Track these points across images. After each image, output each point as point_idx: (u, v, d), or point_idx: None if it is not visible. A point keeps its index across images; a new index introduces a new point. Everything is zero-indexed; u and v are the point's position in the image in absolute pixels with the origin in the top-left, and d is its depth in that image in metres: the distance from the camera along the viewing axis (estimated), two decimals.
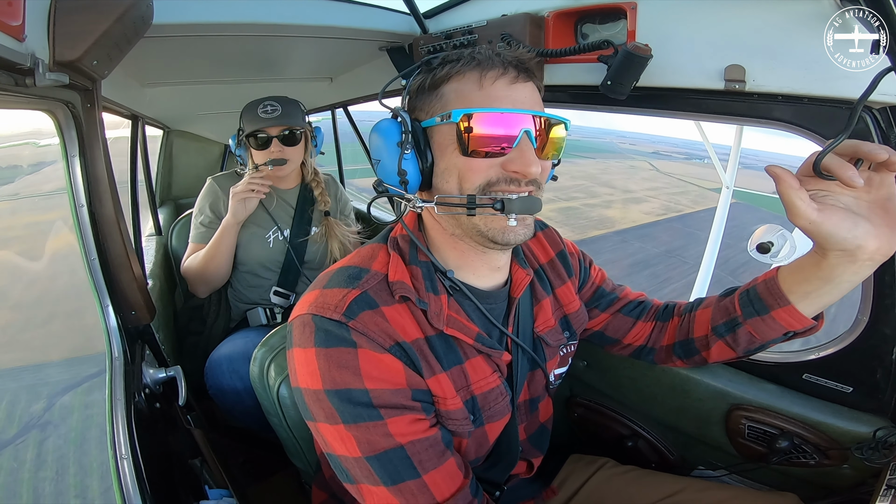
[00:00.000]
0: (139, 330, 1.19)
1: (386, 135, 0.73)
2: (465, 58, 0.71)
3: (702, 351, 0.91)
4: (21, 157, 1.46)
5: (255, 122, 1.59)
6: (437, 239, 0.77)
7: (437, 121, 0.70)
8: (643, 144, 26.99)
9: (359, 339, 0.65)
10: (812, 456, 0.95)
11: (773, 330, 0.80)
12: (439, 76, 0.71)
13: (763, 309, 0.80)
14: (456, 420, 0.72)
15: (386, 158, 0.72)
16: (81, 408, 1.13)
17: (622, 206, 22.78)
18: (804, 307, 0.76)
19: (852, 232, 0.64)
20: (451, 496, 0.68)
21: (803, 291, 0.75)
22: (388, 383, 0.66)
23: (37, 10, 0.71)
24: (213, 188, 1.72)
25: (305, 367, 0.66)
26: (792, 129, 0.82)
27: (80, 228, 1.07)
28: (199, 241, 1.68)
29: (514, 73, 0.70)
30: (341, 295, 0.68)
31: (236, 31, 1.20)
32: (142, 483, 0.88)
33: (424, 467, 0.67)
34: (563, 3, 1.00)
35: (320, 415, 0.66)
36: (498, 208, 0.67)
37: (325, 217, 1.82)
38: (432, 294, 0.73)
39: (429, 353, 0.71)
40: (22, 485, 0.89)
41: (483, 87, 0.69)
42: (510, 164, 0.68)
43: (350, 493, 0.71)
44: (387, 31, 1.36)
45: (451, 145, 0.69)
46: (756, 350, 0.86)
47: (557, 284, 0.92)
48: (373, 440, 0.65)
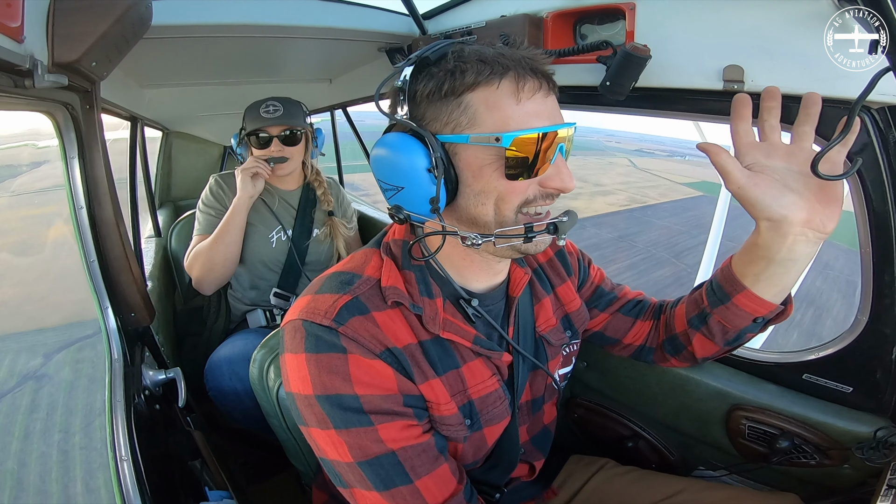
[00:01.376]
0: (139, 332, 1.19)
1: (408, 157, 0.64)
2: (491, 61, 0.62)
3: (686, 346, 0.91)
4: (20, 158, 1.54)
5: (256, 121, 1.60)
6: (450, 251, 0.75)
7: (471, 141, 0.63)
8: (629, 142, 27.60)
9: (349, 345, 0.65)
10: (812, 456, 0.95)
11: (740, 317, 0.81)
12: (463, 83, 0.63)
13: (725, 297, 0.81)
14: (450, 426, 0.72)
15: (411, 185, 0.65)
16: (73, 362, 1.28)
17: (588, 198, 23.31)
18: (761, 290, 0.77)
19: (778, 200, 0.68)
20: (444, 502, 0.68)
21: (753, 274, 0.77)
22: (378, 389, 0.65)
23: (36, 12, 0.71)
24: (219, 183, 1.72)
25: (297, 373, 0.66)
26: (791, 129, 0.81)
27: (80, 230, 1.07)
28: (206, 231, 1.66)
29: (548, 85, 0.66)
30: (332, 300, 0.68)
31: (235, 33, 1.20)
32: (142, 485, 0.88)
33: (417, 473, 0.66)
34: (562, 4, 1.00)
35: (312, 420, 0.66)
36: (552, 232, 0.66)
37: (328, 217, 1.82)
38: (427, 298, 0.72)
39: (421, 359, 0.70)
40: (16, 424, 1.02)
41: (521, 102, 0.63)
42: (549, 182, 0.66)
43: (347, 499, 0.71)
44: (386, 32, 1.36)
45: (491, 167, 0.64)
46: (736, 340, 0.86)
47: (557, 283, 0.92)
48: (364, 446, 0.64)
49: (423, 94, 0.65)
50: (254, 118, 1.60)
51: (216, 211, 1.68)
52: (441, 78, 0.63)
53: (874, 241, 0.81)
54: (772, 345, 6.93)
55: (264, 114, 1.59)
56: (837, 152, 0.66)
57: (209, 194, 1.71)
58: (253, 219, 1.69)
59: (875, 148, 0.75)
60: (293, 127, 1.63)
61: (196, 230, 1.70)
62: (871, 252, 0.82)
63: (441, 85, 0.63)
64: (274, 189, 1.75)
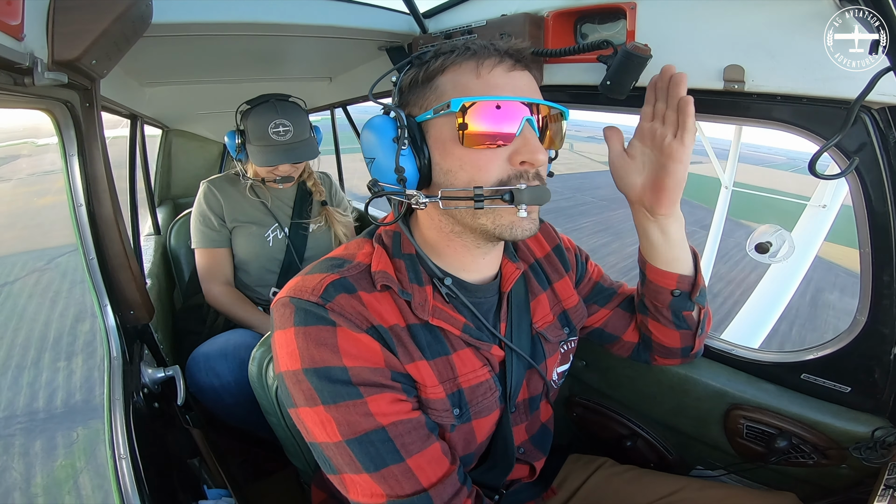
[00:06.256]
0: (138, 329, 1.19)
1: (379, 131, 0.70)
2: (460, 48, 0.69)
3: (651, 338, 0.96)
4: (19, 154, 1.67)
5: (264, 140, 1.56)
6: (432, 237, 0.76)
7: (434, 113, 0.67)
8: (587, 130, 28.33)
9: (337, 319, 0.65)
10: (810, 456, 0.95)
11: (660, 291, 0.89)
12: (433, 68, 0.69)
13: (642, 274, 0.92)
14: (436, 410, 0.71)
15: (381, 156, 0.70)
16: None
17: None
18: (655, 261, 0.87)
19: (622, 179, 0.84)
20: (439, 481, 0.66)
21: (644, 248, 0.89)
22: (366, 361, 0.65)
23: (36, 10, 0.71)
24: (211, 190, 1.71)
25: (285, 349, 0.66)
26: (790, 129, 0.82)
27: (79, 228, 1.06)
28: (204, 244, 1.68)
29: (512, 61, 0.68)
30: (319, 279, 0.68)
31: (235, 31, 1.20)
32: (140, 483, 0.88)
33: (408, 451, 0.65)
34: (563, 3, 1.00)
35: (300, 398, 0.65)
36: (507, 199, 0.65)
37: (323, 207, 1.83)
38: (416, 285, 0.73)
39: (407, 340, 0.70)
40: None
41: (481, 76, 0.67)
42: (516, 156, 0.66)
43: (337, 486, 0.69)
44: (386, 30, 1.36)
45: (451, 138, 0.67)
46: (681, 321, 0.91)
47: (555, 279, 0.92)
48: (353, 421, 0.63)
49: (406, 84, 0.72)
50: (261, 136, 1.56)
51: (210, 222, 1.67)
52: (419, 68, 0.71)
53: (873, 242, 0.81)
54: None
55: (273, 134, 1.55)
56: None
57: (203, 203, 1.69)
58: (249, 218, 1.69)
59: (875, 148, 0.75)
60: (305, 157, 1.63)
61: (194, 242, 1.70)
62: (871, 252, 0.82)
63: (418, 74, 0.71)
64: (269, 188, 1.75)
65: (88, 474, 0.99)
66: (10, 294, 2.78)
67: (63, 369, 2.52)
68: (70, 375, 2.50)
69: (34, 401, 2.07)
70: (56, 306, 3.44)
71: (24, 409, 1.75)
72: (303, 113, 1.65)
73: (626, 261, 10.98)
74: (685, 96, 0.74)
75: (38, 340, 2.95)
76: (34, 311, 3.11)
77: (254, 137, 1.58)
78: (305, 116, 1.65)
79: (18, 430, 1.66)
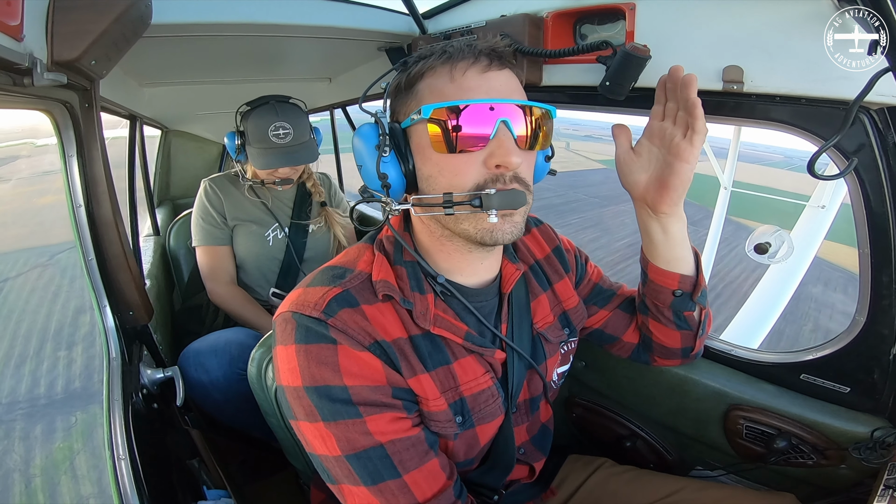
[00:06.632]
0: (137, 330, 1.19)
1: (365, 138, 0.71)
2: (437, 52, 0.68)
3: (651, 338, 0.95)
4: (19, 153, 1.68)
5: (264, 143, 1.56)
6: (426, 241, 0.76)
7: (411, 120, 0.67)
8: (584, 129, 28.42)
9: (338, 336, 0.65)
10: (810, 456, 0.95)
11: (661, 291, 0.88)
12: (413, 73, 0.69)
13: (644, 274, 0.91)
14: (439, 422, 0.71)
15: (367, 163, 0.71)
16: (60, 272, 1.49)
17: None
18: (656, 260, 0.87)
19: (626, 177, 0.84)
20: (434, 496, 0.67)
21: (647, 247, 0.88)
22: (367, 380, 0.65)
23: (35, 10, 0.71)
24: (213, 190, 1.70)
25: (286, 364, 0.66)
26: (789, 130, 0.82)
27: (78, 228, 1.06)
28: (210, 242, 1.67)
29: (486, 62, 0.67)
30: (322, 293, 0.68)
31: (235, 31, 1.20)
32: (139, 484, 0.88)
33: (405, 467, 0.66)
34: (562, 4, 1.00)
35: (300, 412, 0.66)
36: (476, 205, 0.64)
37: (322, 207, 1.83)
38: (418, 293, 0.73)
39: (410, 354, 0.70)
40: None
41: (454, 80, 0.66)
42: (490, 159, 0.65)
43: (336, 495, 0.70)
44: (385, 31, 1.36)
45: (428, 144, 0.66)
46: (682, 322, 0.90)
47: (555, 280, 0.92)
48: (352, 438, 0.64)
49: (392, 91, 0.73)
50: (261, 139, 1.56)
51: (213, 219, 1.67)
52: (402, 75, 0.71)
53: (872, 242, 0.81)
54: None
55: (274, 137, 1.55)
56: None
57: (204, 201, 1.69)
58: (250, 217, 1.69)
59: (874, 149, 0.75)
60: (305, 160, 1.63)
61: (195, 240, 1.69)
62: (870, 253, 0.82)
63: (401, 80, 0.71)
64: (269, 188, 1.75)
65: (85, 455, 1.00)
66: (13, 288, 2.79)
67: (63, 358, 2.54)
68: (70, 364, 2.52)
69: (35, 387, 2.09)
70: (57, 299, 3.46)
71: (25, 395, 1.75)
72: (303, 115, 1.64)
73: (612, 255, 11.14)
74: (693, 98, 0.73)
75: (41, 331, 2.97)
76: (36, 304, 3.11)
77: (254, 139, 1.58)
78: (306, 118, 1.65)
79: (20, 415, 1.67)
